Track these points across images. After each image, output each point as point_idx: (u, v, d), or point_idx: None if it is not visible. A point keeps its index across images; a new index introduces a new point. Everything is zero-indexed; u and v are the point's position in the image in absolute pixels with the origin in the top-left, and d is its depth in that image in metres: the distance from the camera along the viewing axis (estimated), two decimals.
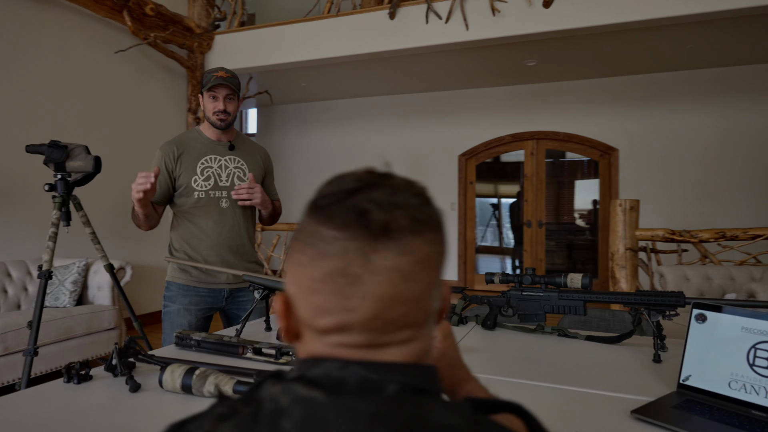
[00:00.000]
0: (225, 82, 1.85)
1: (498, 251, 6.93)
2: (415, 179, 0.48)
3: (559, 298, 1.55)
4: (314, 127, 7.42)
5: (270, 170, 2.07)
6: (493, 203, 6.94)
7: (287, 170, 7.58)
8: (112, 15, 4.24)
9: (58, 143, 1.92)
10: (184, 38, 4.98)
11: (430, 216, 0.45)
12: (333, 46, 4.88)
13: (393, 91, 6.72)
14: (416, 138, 6.83)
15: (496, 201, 6.91)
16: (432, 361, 0.62)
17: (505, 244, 6.80)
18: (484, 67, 5.50)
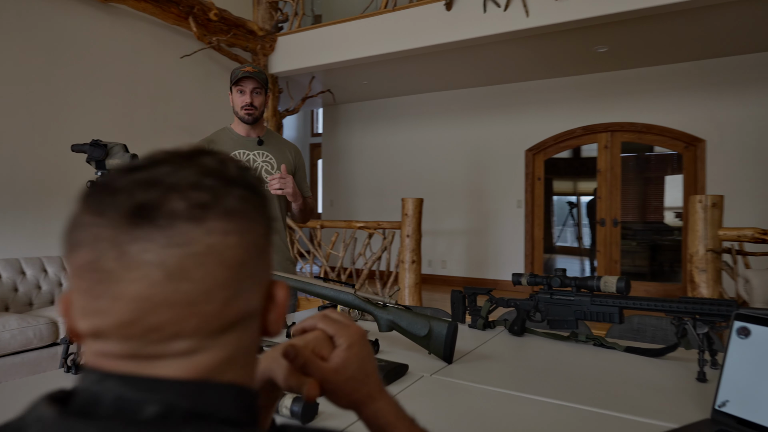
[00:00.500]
0: (252, 76, 1.84)
1: (576, 252, 6.55)
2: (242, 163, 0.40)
3: (592, 303, 1.38)
4: (377, 125, 7.42)
5: (301, 167, 2.04)
6: (570, 201, 6.58)
7: (351, 169, 7.64)
8: (179, 22, 4.45)
9: (98, 142, 2.01)
10: (247, 41, 5.14)
11: (227, 200, 0.36)
12: (391, 41, 4.83)
13: (455, 86, 6.55)
14: (480, 133, 6.61)
15: (573, 199, 6.53)
16: (264, 378, 0.52)
17: (585, 245, 6.40)
18: (550, 56, 5.19)
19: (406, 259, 4.67)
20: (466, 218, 6.76)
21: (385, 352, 1.37)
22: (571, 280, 1.43)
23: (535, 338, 1.53)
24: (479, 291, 1.67)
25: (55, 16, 3.77)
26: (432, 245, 6.93)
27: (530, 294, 1.53)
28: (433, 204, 6.86)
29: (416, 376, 1.16)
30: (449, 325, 1.25)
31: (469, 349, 1.40)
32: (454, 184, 6.82)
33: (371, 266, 4.93)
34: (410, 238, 4.67)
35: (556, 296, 1.46)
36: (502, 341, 1.51)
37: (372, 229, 4.94)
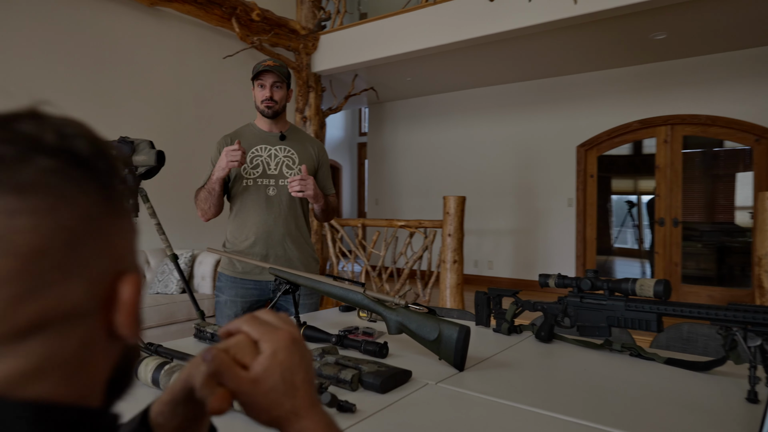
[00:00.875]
0: (272, 70, 1.80)
1: (636, 254, 6.19)
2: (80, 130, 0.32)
3: (626, 308, 1.24)
4: (422, 122, 7.31)
5: (324, 163, 1.98)
6: (630, 200, 6.22)
7: (397, 168, 7.57)
8: (222, 23, 4.53)
9: (126, 139, 2.05)
10: (289, 40, 5.18)
11: (22, 173, 0.29)
12: (432, 35, 4.71)
13: (501, 81, 6.34)
14: (529, 129, 6.37)
15: (633, 198, 6.18)
16: (186, 386, 0.45)
17: (647, 247, 6.03)
18: (602, 45, 4.90)
19: (447, 259, 4.54)
20: (514, 217, 6.53)
21: (395, 356, 1.28)
22: (604, 283, 1.28)
23: (564, 346, 1.39)
24: (504, 293, 1.54)
25: (104, 20, 3.92)
26: (478, 245, 6.74)
27: (559, 297, 1.39)
28: (480, 203, 6.67)
29: (420, 384, 1.06)
30: (460, 329, 1.15)
31: (488, 356, 1.29)
32: (502, 182, 6.61)
33: (412, 266, 4.84)
34: (452, 238, 4.54)
35: (586, 300, 1.32)
36: (527, 348, 1.38)
37: (413, 228, 4.85)
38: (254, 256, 1.80)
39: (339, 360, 1.10)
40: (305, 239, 1.89)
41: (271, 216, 1.82)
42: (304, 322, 1.45)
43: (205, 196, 1.80)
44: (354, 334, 1.47)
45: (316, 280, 1.41)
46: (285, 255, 1.83)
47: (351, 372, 1.03)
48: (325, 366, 1.07)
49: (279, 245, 1.82)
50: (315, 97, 5.57)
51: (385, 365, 1.08)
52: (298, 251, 1.86)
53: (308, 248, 1.91)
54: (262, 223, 1.81)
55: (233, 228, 1.86)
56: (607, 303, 1.27)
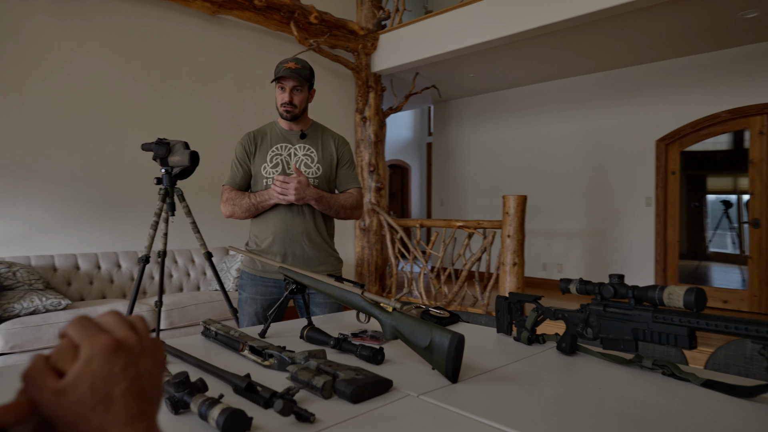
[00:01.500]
0: (291, 74, 1.78)
1: (735, 260, 5.59)
2: None
3: (654, 320, 1.07)
4: (488, 120, 7.08)
5: (344, 157, 1.93)
6: (726, 200, 5.64)
7: (462, 167, 7.39)
8: (281, 27, 4.64)
9: (162, 140, 2.12)
10: (348, 41, 5.20)
11: None
12: (495, 26, 4.51)
13: (571, 73, 5.98)
14: (602, 123, 5.95)
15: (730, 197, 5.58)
16: None
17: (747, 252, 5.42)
18: (684, 29, 4.46)
19: (507, 261, 4.35)
20: (586, 218, 6.14)
21: (392, 363, 1.20)
22: (629, 290, 1.12)
23: (588, 360, 1.24)
24: (526, 298, 1.41)
25: (171, 30, 4.15)
26: (547, 247, 6.42)
27: (581, 305, 1.24)
28: (549, 202, 6.35)
29: (400, 395, 0.98)
30: (452, 336, 1.04)
31: (494, 366, 1.17)
32: (573, 180, 6.24)
33: (470, 267, 4.68)
34: (511, 239, 4.33)
35: (610, 309, 1.16)
36: (544, 360, 1.25)
37: (471, 228, 4.69)
38: (273, 254, 1.78)
39: (320, 365, 1.04)
40: (324, 238, 1.85)
41: (289, 215, 1.80)
42: (309, 324, 1.41)
43: (248, 207, 1.81)
44: (361, 337, 1.41)
45: (318, 280, 1.36)
46: (303, 254, 1.80)
47: (324, 378, 0.96)
48: (301, 371, 1.01)
49: (297, 244, 1.80)
50: (375, 97, 5.56)
51: (365, 373, 1.00)
52: (317, 250, 1.82)
53: (328, 247, 1.86)
54: (281, 222, 1.80)
55: (255, 227, 1.87)
56: (633, 313, 1.11)
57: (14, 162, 3.41)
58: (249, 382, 0.96)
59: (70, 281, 3.37)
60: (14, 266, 2.97)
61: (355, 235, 5.65)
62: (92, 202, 3.72)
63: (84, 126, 3.72)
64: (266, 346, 1.19)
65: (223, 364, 1.18)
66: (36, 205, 3.47)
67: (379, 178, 5.59)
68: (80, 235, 3.64)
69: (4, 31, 3.39)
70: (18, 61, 3.44)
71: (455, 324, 1.65)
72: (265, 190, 1.80)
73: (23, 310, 2.75)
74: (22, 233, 3.40)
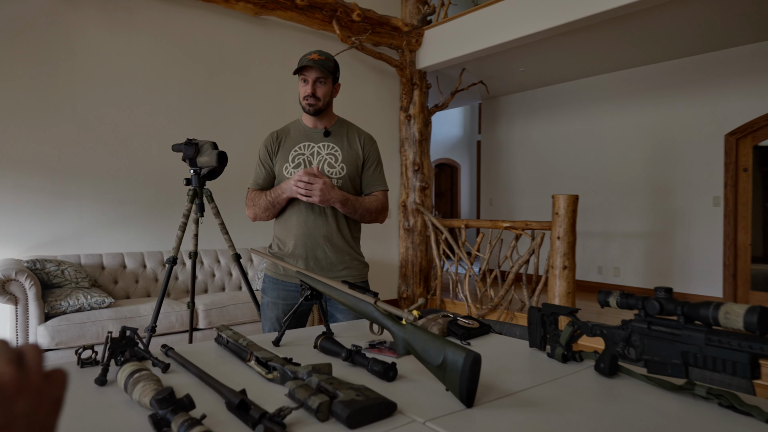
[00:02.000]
0: (314, 65, 1.71)
1: None
2: None
3: (708, 342, 0.92)
4: (539, 116, 6.79)
5: (371, 157, 1.83)
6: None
7: (512, 166, 7.14)
8: (324, 26, 4.62)
9: (191, 141, 2.10)
10: (392, 38, 5.11)
11: None
12: (545, 16, 4.26)
13: (628, 64, 5.62)
14: (663, 117, 5.56)
15: None
16: None
17: None
18: (755, 11, 4.07)
19: (556, 265, 4.12)
20: (646, 218, 5.77)
21: (406, 379, 1.10)
22: (678, 306, 0.97)
23: (630, 383, 1.09)
24: (560, 310, 1.27)
25: (213, 31, 4.21)
26: (603, 249, 6.08)
27: (622, 321, 1.09)
28: (605, 201, 6.01)
29: (404, 421, 0.87)
30: (467, 355, 0.93)
31: (520, 388, 1.05)
32: (631, 178, 5.88)
33: (517, 270, 4.47)
34: (561, 241, 4.11)
35: (655, 327, 1.01)
36: (579, 382, 1.10)
37: (519, 229, 4.49)
38: (294, 258, 1.72)
39: (322, 382, 0.95)
40: (348, 241, 1.77)
41: (311, 217, 1.73)
42: (323, 332, 1.33)
43: (266, 205, 1.76)
44: (378, 348, 1.31)
45: (332, 287, 1.28)
46: (326, 258, 1.72)
47: (321, 398, 0.87)
48: (299, 388, 0.93)
49: (319, 248, 1.72)
50: (419, 94, 5.45)
51: (368, 393, 0.90)
52: (340, 254, 1.74)
53: (352, 251, 1.78)
54: (302, 225, 1.73)
55: (277, 229, 1.81)
56: (682, 333, 0.96)
57: (67, 164, 3.55)
58: (242, 399, 0.89)
59: (116, 279, 3.48)
60: (63, 264, 3.09)
61: (400, 235, 5.56)
62: (139, 202, 3.83)
63: (131, 128, 3.83)
64: (271, 357, 1.11)
65: (227, 375, 1.12)
66: (86, 206, 3.61)
67: (424, 177, 5.47)
68: (128, 235, 3.75)
69: (58, 41, 3.54)
70: (70, 68, 3.59)
71: (486, 335, 1.52)
72: (279, 185, 1.73)
73: (69, 308, 2.85)
74: (73, 232, 3.54)
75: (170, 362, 1.19)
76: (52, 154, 3.50)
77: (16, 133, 3.39)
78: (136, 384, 0.95)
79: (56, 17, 3.53)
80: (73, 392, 1.02)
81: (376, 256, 5.35)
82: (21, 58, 3.41)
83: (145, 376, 0.96)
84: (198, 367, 1.11)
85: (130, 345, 1.17)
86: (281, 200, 1.73)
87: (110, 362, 1.11)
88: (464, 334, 1.45)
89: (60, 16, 3.55)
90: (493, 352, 1.33)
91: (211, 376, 1.04)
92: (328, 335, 1.30)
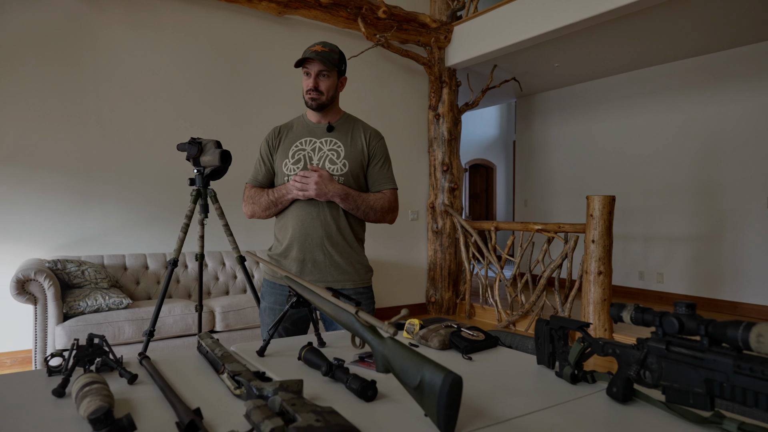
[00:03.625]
0: (317, 57, 1.62)
1: None
2: None
3: (737, 370, 0.76)
4: (576, 113, 6.51)
5: (377, 154, 1.72)
6: None
7: (548, 165, 6.88)
8: (349, 24, 4.54)
9: (195, 140, 2.05)
10: (419, 35, 4.99)
11: None
12: (582, 6, 4.02)
13: (673, 57, 5.30)
14: (711, 113, 5.21)
15: None
16: None
17: None
18: None
19: (591, 270, 3.90)
20: (692, 221, 5.42)
21: (387, 399, 0.98)
22: (701, 325, 0.81)
23: (648, 411, 0.94)
24: (569, 324, 1.12)
25: (237, 31, 4.20)
26: (644, 253, 5.76)
27: (638, 339, 0.94)
28: (647, 203, 5.70)
29: None
30: (445, 376, 0.80)
31: (517, 413, 0.92)
32: (675, 177, 5.54)
33: (549, 275, 4.26)
34: (596, 245, 3.88)
35: (674, 348, 0.86)
36: (587, 408, 0.96)
37: (551, 232, 4.28)
38: (291, 260, 1.63)
39: (283, 403, 0.85)
40: (350, 243, 1.66)
41: (309, 216, 1.63)
42: (309, 343, 1.23)
43: (267, 204, 1.68)
44: (367, 363, 1.20)
45: (314, 292, 1.17)
46: (324, 261, 1.62)
47: (274, 423, 0.77)
48: (256, 409, 0.83)
49: (318, 249, 1.62)
50: (449, 92, 5.30)
51: (329, 418, 0.79)
52: (341, 257, 1.64)
53: (353, 254, 1.67)
54: (299, 225, 1.64)
55: (277, 230, 1.73)
56: (707, 358, 0.80)
57: (92, 165, 3.61)
58: (191, 420, 0.81)
59: (138, 280, 3.50)
60: (83, 265, 3.12)
61: (428, 237, 5.42)
62: (162, 202, 3.85)
63: (155, 129, 3.86)
64: (240, 371, 1.02)
65: (195, 389, 1.04)
66: (110, 206, 3.65)
67: (453, 178, 5.31)
68: (151, 235, 3.78)
69: (82, 40, 3.60)
70: (96, 71, 3.64)
71: (492, 349, 1.38)
72: (284, 184, 1.65)
73: (87, 308, 2.87)
74: (98, 233, 3.59)
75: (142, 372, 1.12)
76: (77, 156, 3.56)
77: (44, 135, 3.46)
78: (84, 398, 0.87)
79: (82, 20, 3.60)
80: (28, 403, 0.95)
81: (403, 258, 5.23)
82: (49, 61, 3.48)
83: (94, 390, 0.89)
84: (164, 378, 1.03)
85: (98, 353, 1.10)
86: (285, 201, 1.65)
87: (73, 371, 1.05)
88: (467, 347, 1.32)
89: (85, 19, 3.61)
90: (496, 369, 1.20)
91: (173, 391, 0.96)
92: (313, 346, 1.20)
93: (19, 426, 0.86)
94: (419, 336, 1.41)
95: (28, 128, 3.41)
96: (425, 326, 1.45)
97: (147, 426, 0.85)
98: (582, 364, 1.09)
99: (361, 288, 1.67)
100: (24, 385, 1.04)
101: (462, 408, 0.87)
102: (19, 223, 3.35)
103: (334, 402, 0.95)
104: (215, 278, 3.76)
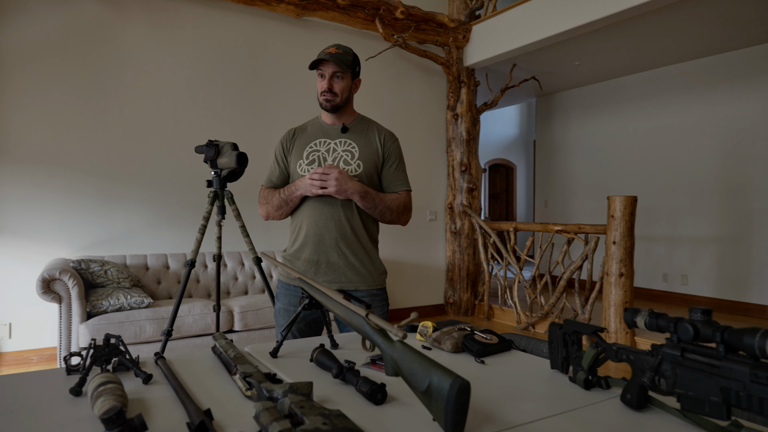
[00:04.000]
0: (331, 59, 1.63)
1: None
2: None
3: (753, 378, 0.74)
4: (597, 113, 6.41)
5: (392, 155, 1.72)
6: None
7: (569, 165, 6.78)
8: (366, 26, 4.55)
9: (212, 142, 2.08)
10: (437, 35, 4.97)
11: None
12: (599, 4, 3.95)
13: (698, 53, 5.18)
14: (738, 110, 5.08)
15: None
16: None
17: None
18: None
19: (612, 272, 3.84)
20: (718, 221, 5.29)
21: (396, 402, 0.98)
22: (717, 332, 0.79)
23: (663, 419, 0.92)
24: (583, 329, 1.10)
25: (255, 34, 4.24)
26: (669, 255, 5.64)
27: (652, 345, 0.92)
28: (671, 203, 5.58)
29: None
30: (453, 381, 0.80)
31: (528, 419, 0.90)
32: (701, 177, 5.41)
33: (569, 276, 4.20)
34: (617, 246, 3.82)
35: (689, 355, 0.84)
36: (600, 414, 0.95)
37: (571, 233, 4.22)
38: (304, 262, 1.64)
39: (291, 405, 0.85)
40: (364, 245, 1.66)
41: (323, 217, 1.63)
42: (321, 345, 1.23)
43: (278, 203, 1.70)
44: (380, 365, 1.20)
45: (326, 295, 1.18)
46: (339, 262, 1.63)
47: (282, 426, 0.77)
48: (265, 411, 0.83)
49: (332, 250, 1.63)
50: (467, 92, 5.27)
51: (337, 422, 0.79)
52: (356, 258, 1.64)
53: (367, 255, 1.67)
54: (314, 225, 1.64)
55: (291, 230, 1.74)
56: (723, 365, 0.78)
57: (114, 166, 3.69)
58: (202, 421, 0.82)
59: (159, 280, 3.56)
60: (106, 264, 3.19)
61: (446, 238, 5.39)
62: (183, 203, 3.91)
63: (175, 130, 3.92)
64: (251, 373, 1.03)
65: (208, 390, 1.05)
66: (133, 207, 3.73)
67: (472, 178, 5.28)
68: (172, 235, 3.84)
69: (105, 43, 3.68)
70: (118, 74, 3.72)
71: (506, 352, 1.37)
72: (293, 182, 1.66)
73: (110, 307, 2.93)
74: (120, 233, 3.67)
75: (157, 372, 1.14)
76: (100, 158, 3.64)
77: (69, 139, 3.55)
78: (98, 398, 0.89)
79: (104, 25, 3.68)
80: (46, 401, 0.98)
81: (421, 259, 5.22)
82: (72, 66, 3.57)
83: (109, 389, 0.91)
84: (178, 379, 1.05)
85: (114, 353, 1.12)
86: (294, 198, 1.65)
87: (90, 371, 1.07)
88: (480, 351, 1.31)
89: (108, 23, 3.69)
90: (508, 373, 1.19)
91: (185, 391, 0.97)
92: (325, 348, 1.21)
93: (37, 423, 0.88)
94: (432, 339, 1.40)
95: (53, 131, 3.51)
96: (438, 329, 1.44)
97: (158, 426, 0.86)
98: (596, 369, 1.08)
99: (375, 290, 1.67)
100: (44, 384, 1.07)
101: (472, 412, 0.86)
102: (46, 223, 3.44)
103: (343, 404, 0.95)
104: (234, 278, 3.80)
